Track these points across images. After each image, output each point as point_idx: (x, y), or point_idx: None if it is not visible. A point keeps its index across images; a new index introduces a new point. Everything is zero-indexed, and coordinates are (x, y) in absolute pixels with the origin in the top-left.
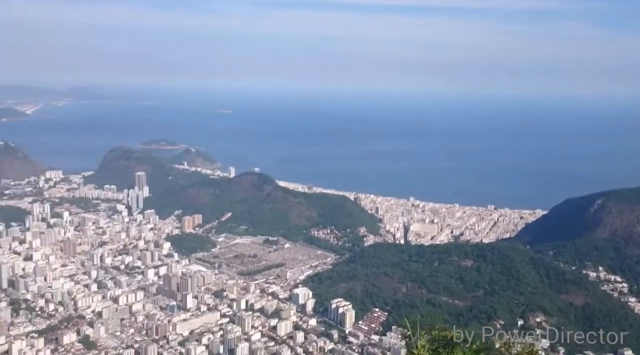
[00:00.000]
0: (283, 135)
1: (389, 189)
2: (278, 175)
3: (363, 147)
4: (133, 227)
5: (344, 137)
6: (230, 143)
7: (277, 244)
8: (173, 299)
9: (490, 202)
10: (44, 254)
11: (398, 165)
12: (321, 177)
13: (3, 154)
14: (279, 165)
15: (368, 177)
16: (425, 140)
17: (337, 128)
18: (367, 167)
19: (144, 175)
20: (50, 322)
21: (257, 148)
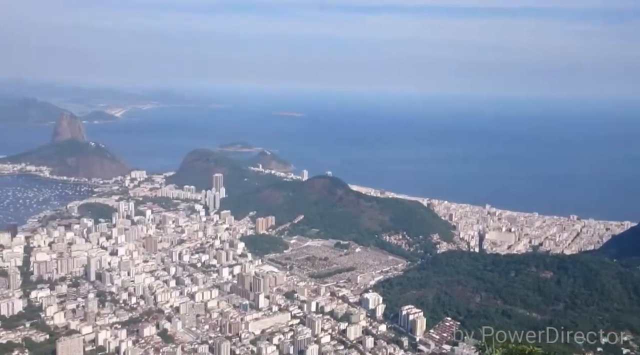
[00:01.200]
0: (353, 139)
1: (463, 195)
2: (350, 178)
3: (435, 151)
4: (210, 227)
5: (414, 141)
6: (303, 146)
7: (348, 248)
8: (246, 298)
9: (572, 211)
10: (128, 250)
11: (472, 171)
12: (393, 181)
13: (94, 155)
14: (350, 168)
15: (441, 183)
16: (496, 145)
17: (407, 131)
18: (440, 172)
19: (221, 176)
20: (132, 314)
21: (329, 151)
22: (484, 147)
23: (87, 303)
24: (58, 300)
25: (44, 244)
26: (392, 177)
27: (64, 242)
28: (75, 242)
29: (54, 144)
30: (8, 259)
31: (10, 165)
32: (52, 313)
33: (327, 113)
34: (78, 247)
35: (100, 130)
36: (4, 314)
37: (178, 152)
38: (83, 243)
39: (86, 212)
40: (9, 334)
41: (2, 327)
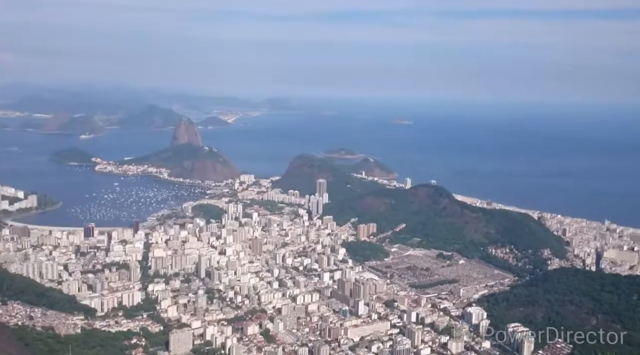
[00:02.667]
0: (461, 148)
1: (578, 210)
2: (455, 188)
3: (546, 162)
4: (312, 231)
5: (524, 151)
6: (408, 154)
7: (451, 259)
8: (346, 303)
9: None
10: (235, 250)
11: (589, 185)
12: (501, 192)
13: (208, 158)
14: (456, 178)
15: (554, 196)
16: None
17: (516, 141)
18: (552, 185)
19: (325, 182)
20: (237, 312)
21: (434, 160)
22: (610, 161)
23: (197, 299)
24: (172, 294)
25: (161, 241)
26: (500, 188)
27: (179, 240)
28: (188, 240)
29: (172, 147)
30: (130, 253)
31: (135, 166)
32: (166, 306)
33: (434, 120)
34: (191, 245)
35: (213, 135)
36: (125, 304)
37: (284, 157)
38: (195, 241)
39: (199, 212)
40: (129, 322)
41: (123, 315)
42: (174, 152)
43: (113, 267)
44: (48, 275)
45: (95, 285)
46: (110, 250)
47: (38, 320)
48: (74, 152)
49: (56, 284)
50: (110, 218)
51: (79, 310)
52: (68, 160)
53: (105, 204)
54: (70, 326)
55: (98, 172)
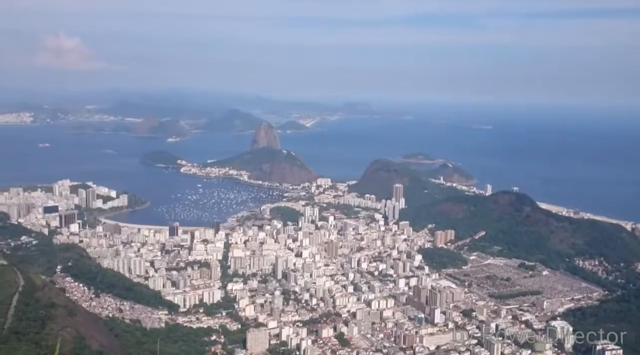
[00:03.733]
0: (546, 154)
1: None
2: (539, 196)
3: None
4: (388, 236)
5: (615, 157)
6: (488, 160)
7: (533, 270)
8: (421, 311)
9: None
10: (311, 253)
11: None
12: (590, 201)
13: (286, 162)
14: (540, 185)
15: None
16: None
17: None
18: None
19: (401, 187)
20: (312, 314)
21: (516, 166)
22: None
23: (274, 299)
24: (249, 294)
25: (240, 242)
26: (588, 196)
27: (257, 241)
28: (266, 241)
29: (252, 150)
30: (211, 253)
31: (217, 169)
32: (244, 305)
33: (515, 125)
34: (268, 246)
35: (291, 139)
36: (205, 301)
37: (361, 161)
38: (272, 243)
39: (276, 214)
40: (209, 320)
41: (204, 312)
42: (253, 155)
43: (195, 265)
44: (136, 271)
45: (179, 282)
46: (192, 249)
47: (126, 313)
48: (161, 154)
49: (143, 279)
50: (193, 218)
51: (163, 306)
52: (156, 162)
53: (189, 205)
54: (155, 320)
55: (183, 174)
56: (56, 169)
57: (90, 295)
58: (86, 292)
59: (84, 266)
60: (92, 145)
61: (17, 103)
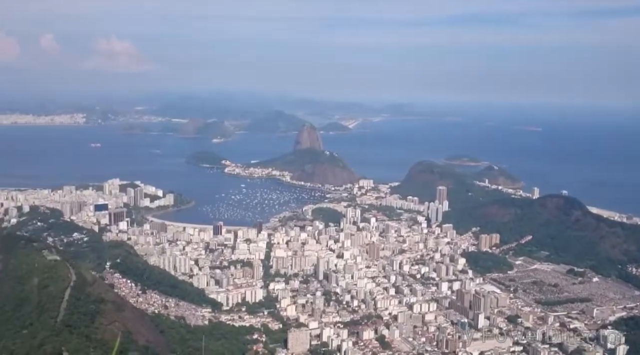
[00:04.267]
0: (598, 157)
1: None
2: (589, 200)
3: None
4: (431, 239)
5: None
6: (536, 162)
7: (583, 276)
8: (464, 315)
9: None
10: (352, 254)
11: None
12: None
13: (328, 163)
14: (591, 189)
15: None
16: None
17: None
18: None
19: (445, 189)
20: (353, 316)
21: (566, 169)
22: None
23: (315, 300)
24: (291, 294)
25: (282, 242)
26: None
27: (299, 241)
28: (307, 242)
29: (295, 151)
30: (254, 252)
31: (260, 169)
32: (286, 305)
33: (566, 127)
34: (310, 247)
35: (334, 140)
36: (248, 300)
37: (404, 163)
38: (314, 244)
39: (318, 215)
40: (251, 318)
41: (246, 311)
42: (296, 156)
43: (238, 265)
44: (181, 269)
45: (222, 280)
46: (236, 248)
47: (172, 310)
48: (206, 154)
49: (188, 277)
50: (236, 217)
51: (206, 303)
52: (201, 162)
53: (233, 204)
54: (199, 318)
55: (227, 174)
56: (106, 168)
57: (137, 292)
58: (133, 289)
59: (131, 263)
60: (141, 145)
61: (71, 105)
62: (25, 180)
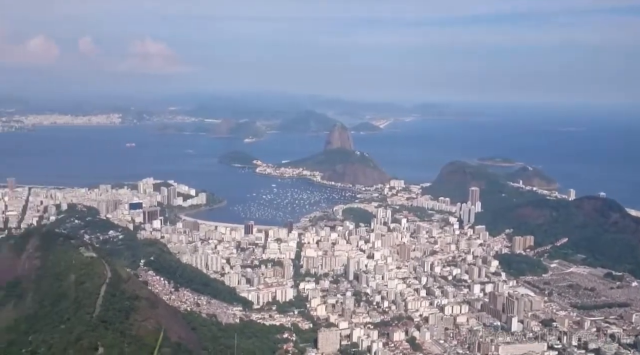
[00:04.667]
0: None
1: None
2: (629, 202)
3: None
4: (463, 241)
5: None
6: (574, 163)
7: (621, 280)
8: (497, 318)
9: None
10: (383, 255)
11: None
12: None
13: (359, 163)
14: (631, 191)
15: None
16: None
17: None
18: None
19: (478, 190)
20: (383, 317)
21: (604, 171)
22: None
23: (345, 300)
24: (321, 293)
25: (312, 242)
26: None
27: (329, 241)
28: (338, 242)
29: (325, 151)
30: (284, 252)
31: (291, 169)
32: (316, 305)
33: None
34: (340, 247)
35: (365, 140)
36: (278, 299)
37: (436, 163)
38: (344, 244)
39: (349, 215)
40: (281, 317)
41: (276, 310)
42: (327, 156)
43: (269, 264)
44: (213, 267)
45: (253, 279)
46: (266, 248)
47: (203, 308)
48: (238, 154)
49: (219, 275)
50: (267, 217)
51: (237, 302)
52: (233, 162)
53: (264, 204)
54: (230, 316)
55: (258, 174)
56: (141, 167)
57: (170, 289)
58: (166, 286)
59: (165, 261)
60: (174, 145)
61: (107, 105)
62: (63, 179)
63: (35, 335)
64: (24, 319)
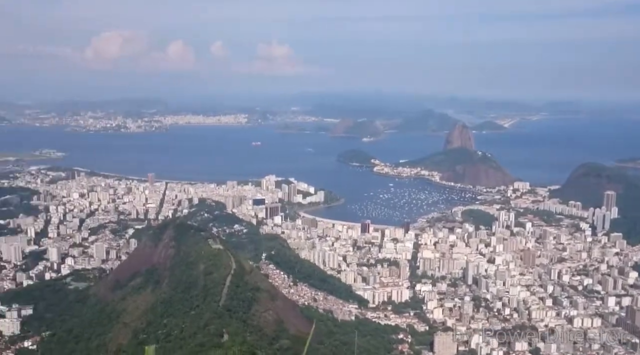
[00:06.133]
0: None
1: None
2: None
3: None
4: (596, 249)
5: None
6: None
7: None
8: (636, 336)
9: None
10: (504, 260)
11: None
12: None
13: (480, 163)
14: None
15: None
16: None
17: None
18: None
19: (614, 194)
20: (504, 325)
21: None
22: None
23: (463, 305)
24: (438, 296)
25: (429, 243)
26: None
27: (447, 243)
28: (456, 245)
29: (445, 151)
30: (400, 252)
31: (409, 169)
32: (432, 308)
33: None
34: (458, 250)
35: (487, 140)
36: (394, 299)
37: (566, 165)
38: (463, 247)
39: (468, 217)
40: (396, 318)
41: (392, 310)
42: (446, 155)
43: (384, 263)
44: (329, 264)
45: (369, 278)
46: (382, 247)
47: (320, 303)
48: (356, 153)
49: (336, 272)
50: (384, 216)
51: (353, 299)
52: (350, 161)
53: (380, 203)
54: (346, 313)
55: (375, 173)
56: (264, 165)
57: (289, 283)
58: (286, 280)
59: (284, 256)
60: (295, 144)
61: (235, 106)
62: (195, 174)
63: (169, 318)
64: (160, 303)
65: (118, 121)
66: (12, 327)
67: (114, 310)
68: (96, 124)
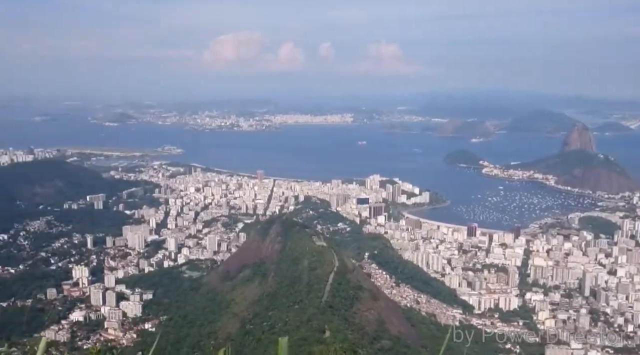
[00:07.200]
0: None
1: None
2: None
3: None
4: None
5: None
6: None
7: None
8: None
9: None
10: (628, 272)
11: None
12: None
13: (602, 167)
14: None
15: None
16: None
17: None
18: None
19: None
20: (626, 343)
21: None
22: None
23: (579, 318)
24: (550, 307)
25: (542, 250)
26: None
27: (561, 251)
28: (572, 253)
29: (561, 153)
30: (509, 258)
31: (520, 171)
32: (544, 318)
33: None
34: (574, 258)
35: (610, 142)
36: (501, 307)
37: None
38: (580, 256)
39: (586, 225)
40: (504, 326)
41: (499, 318)
42: (563, 158)
43: (492, 269)
44: (433, 267)
45: (475, 283)
46: (490, 252)
47: (423, 306)
48: (464, 154)
49: (439, 275)
50: (492, 220)
51: (457, 304)
52: (458, 162)
53: (489, 206)
54: (449, 317)
55: (484, 175)
56: (369, 164)
57: (392, 284)
58: (388, 280)
59: (387, 256)
60: (401, 144)
61: (341, 106)
62: (302, 172)
63: (274, 311)
64: (266, 296)
65: (232, 120)
66: (134, 309)
67: (224, 299)
68: (212, 123)
